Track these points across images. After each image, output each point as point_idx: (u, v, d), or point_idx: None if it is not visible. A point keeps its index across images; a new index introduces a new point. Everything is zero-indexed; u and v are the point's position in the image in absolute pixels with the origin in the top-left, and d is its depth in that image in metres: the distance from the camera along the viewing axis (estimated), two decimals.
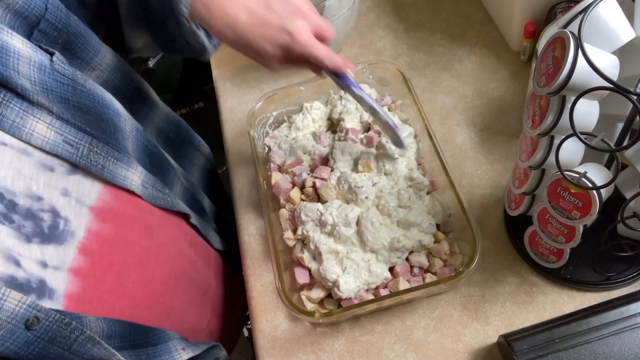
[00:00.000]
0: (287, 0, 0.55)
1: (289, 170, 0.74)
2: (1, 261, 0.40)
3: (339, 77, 0.62)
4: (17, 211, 0.42)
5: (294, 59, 0.57)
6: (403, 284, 0.63)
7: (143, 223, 0.56)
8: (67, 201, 0.47)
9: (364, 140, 0.74)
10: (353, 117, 0.77)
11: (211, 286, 0.71)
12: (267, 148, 0.79)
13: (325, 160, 0.74)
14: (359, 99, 0.65)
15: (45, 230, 0.44)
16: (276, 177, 0.74)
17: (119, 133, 0.54)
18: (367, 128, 0.77)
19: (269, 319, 0.67)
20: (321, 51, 0.56)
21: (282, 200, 0.73)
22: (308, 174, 0.73)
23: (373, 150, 0.72)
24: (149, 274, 0.56)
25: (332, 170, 0.71)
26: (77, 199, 0.48)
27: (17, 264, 0.41)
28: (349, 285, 0.62)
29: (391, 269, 0.65)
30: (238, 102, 0.89)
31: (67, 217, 0.47)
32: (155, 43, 0.62)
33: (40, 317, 0.41)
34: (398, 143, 0.68)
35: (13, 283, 0.41)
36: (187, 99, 1.78)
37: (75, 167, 0.48)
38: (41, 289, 0.43)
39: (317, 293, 0.65)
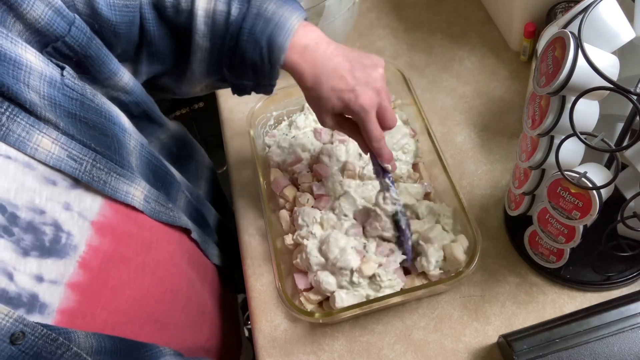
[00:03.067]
0: (370, 72, 0.58)
1: (289, 168, 0.74)
2: None
3: (379, 167, 0.63)
4: (18, 224, 0.42)
5: (348, 121, 0.60)
6: (412, 282, 0.64)
7: (141, 239, 0.56)
8: (69, 215, 0.47)
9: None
10: None
11: (208, 305, 0.71)
12: (267, 148, 0.79)
13: (316, 161, 0.74)
14: (387, 193, 0.64)
15: (47, 243, 0.44)
16: (275, 174, 0.74)
17: (124, 149, 0.54)
18: None
19: (269, 319, 0.67)
20: (374, 126, 0.59)
21: (281, 200, 0.73)
22: (308, 171, 0.73)
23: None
24: (144, 290, 0.56)
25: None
26: (79, 213, 0.48)
27: (10, 277, 0.41)
28: (344, 303, 0.62)
29: None
30: (238, 102, 0.89)
31: (69, 231, 0.47)
32: (220, 83, 0.65)
33: (26, 332, 0.40)
34: (404, 253, 0.66)
35: (3, 297, 0.41)
36: (187, 99, 1.78)
37: (77, 182, 0.48)
38: (32, 303, 0.43)
39: (317, 295, 0.65)
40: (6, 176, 0.42)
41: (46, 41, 0.49)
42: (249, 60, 0.58)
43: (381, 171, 0.64)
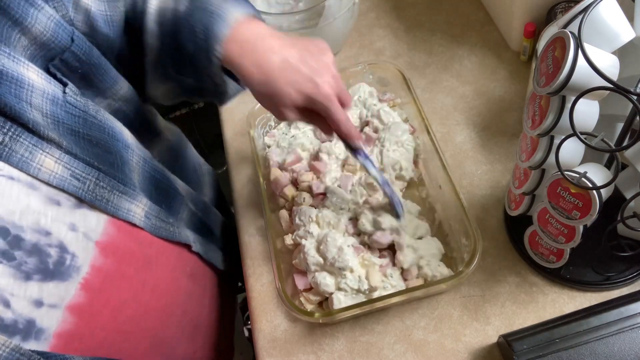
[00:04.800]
0: (320, 59, 0.56)
1: (289, 168, 0.74)
2: None
3: (350, 147, 0.62)
4: (22, 247, 0.42)
5: (311, 112, 0.58)
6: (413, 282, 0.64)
7: (142, 256, 0.56)
8: (74, 236, 0.46)
9: (364, 139, 0.74)
10: (353, 113, 0.77)
11: (204, 318, 0.71)
12: (267, 147, 0.79)
13: (315, 158, 0.74)
14: (367, 170, 0.64)
15: (50, 266, 0.44)
16: (275, 173, 0.74)
17: (126, 166, 0.54)
18: (365, 124, 0.77)
19: (269, 319, 0.67)
20: (340, 112, 0.57)
21: (281, 200, 0.73)
22: (307, 170, 0.73)
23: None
24: (143, 308, 0.56)
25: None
26: (84, 234, 0.47)
27: (7, 304, 0.41)
28: (342, 304, 0.62)
29: None
30: (238, 102, 0.89)
31: (74, 252, 0.46)
32: (179, 89, 0.63)
33: None
34: (396, 215, 0.66)
35: None
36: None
37: (81, 201, 0.48)
38: (28, 329, 0.42)
39: (316, 296, 0.65)
40: (10, 197, 0.41)
41: (52, 55, 0.49)
42: (186, 51, 0.55)
43: (353, 150, 0.62)
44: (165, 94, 0.65)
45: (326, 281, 0.63)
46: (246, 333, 1.25)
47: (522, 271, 0.65)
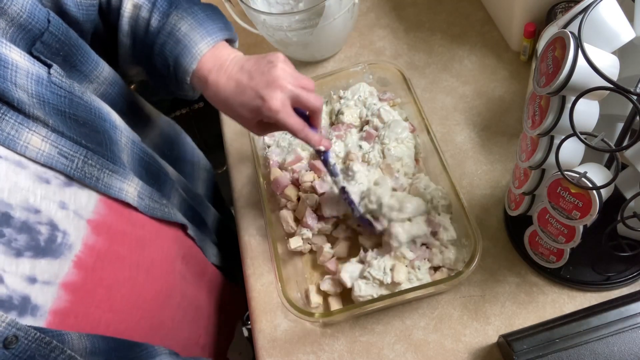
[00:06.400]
0: (268, 72, 0.58)
1: (289, 167, 0.74)
2: None
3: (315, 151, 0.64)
4: (11, 224, 0.42)
5: (271, 124, 0.60)
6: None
7: (135, 237, 0.56)
8: (65, 214, 0.47)
9: (364, 136, 0.74)
10: (353, 112, 0.77)
11: (203, 302, 0.71)
12: (267, 147, 0.79)
13: (315, 158, 0.74)
14: (330, 173, 0.67)
15: (42, 243, 0.44)
16: (275, 173, 0.74)
17: (115, 145, 0.55)
18: (365, 123, 0.77)
19: (269, 319, 0.67)
20: (291, 121, 0.58)
21: (282, 200, 0.73)
22: (308, 170, 0.73)
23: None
24: (138, 289, 0.56)
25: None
26: (75, 212, 0.48)
27: (0, 280, 0.41)
28: (362, 292, 0.63)
29: None
30: None
31: (65, 230, 0.46)
32: (148, 75, 0.67)
33: (19, 336, 0.40)
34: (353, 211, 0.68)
35: None
36: (187, 99, 1.78)
37: (71, 179, 0.48)
38: (23, 305, 0.42)
39: (338, 287, 0.65)
40: None
41: (31, 36, 0.49)
42: (159, 71, 0.61)
43: (317, 153, 0.65)
44: (137, 74, 0.69)
45: (351, 267, 0.64)
46: (246, 333, 1.25)
47: (522, 271, 0.65)
